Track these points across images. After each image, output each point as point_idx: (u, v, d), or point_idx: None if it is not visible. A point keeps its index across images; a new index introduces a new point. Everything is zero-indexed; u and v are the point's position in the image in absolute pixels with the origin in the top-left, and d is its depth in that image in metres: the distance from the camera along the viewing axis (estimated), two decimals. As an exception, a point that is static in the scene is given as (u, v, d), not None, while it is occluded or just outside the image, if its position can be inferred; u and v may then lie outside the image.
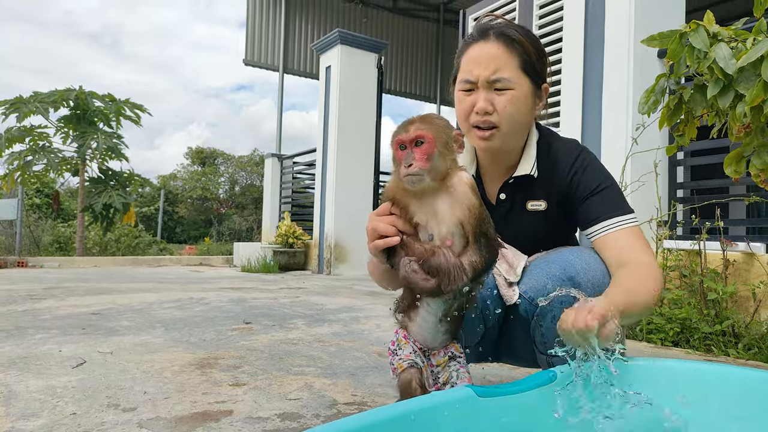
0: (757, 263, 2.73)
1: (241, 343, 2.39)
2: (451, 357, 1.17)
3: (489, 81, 1.25)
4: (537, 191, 1.35)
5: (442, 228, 1.06)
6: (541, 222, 1.36)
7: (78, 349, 2.20)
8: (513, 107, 1.26)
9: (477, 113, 1.26)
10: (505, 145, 1.32)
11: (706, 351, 2.46)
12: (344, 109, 6.98)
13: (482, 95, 1.26)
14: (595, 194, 1.28)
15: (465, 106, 1.29)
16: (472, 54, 1.29)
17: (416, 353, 1.15)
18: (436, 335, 1.15)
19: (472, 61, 1.28)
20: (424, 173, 1.03)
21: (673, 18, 3.45)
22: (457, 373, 1.14)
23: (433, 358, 1.17)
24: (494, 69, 1.25)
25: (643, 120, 2.59)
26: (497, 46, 1.26)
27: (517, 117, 1.27)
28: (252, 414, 1.44)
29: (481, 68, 1.25)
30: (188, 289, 4.70)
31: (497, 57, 1.25)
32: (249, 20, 10.31)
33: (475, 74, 1.26)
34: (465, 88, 1.29)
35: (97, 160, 8.84)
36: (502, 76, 1.24)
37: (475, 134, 1.28)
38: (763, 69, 1.32)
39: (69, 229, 10.47)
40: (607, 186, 1.29)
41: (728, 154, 1.61)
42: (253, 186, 21.78)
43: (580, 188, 1.30)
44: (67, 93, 8.51)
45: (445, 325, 1.14)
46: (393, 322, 1.22)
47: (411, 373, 1.11)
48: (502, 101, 1.25)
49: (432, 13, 12.28)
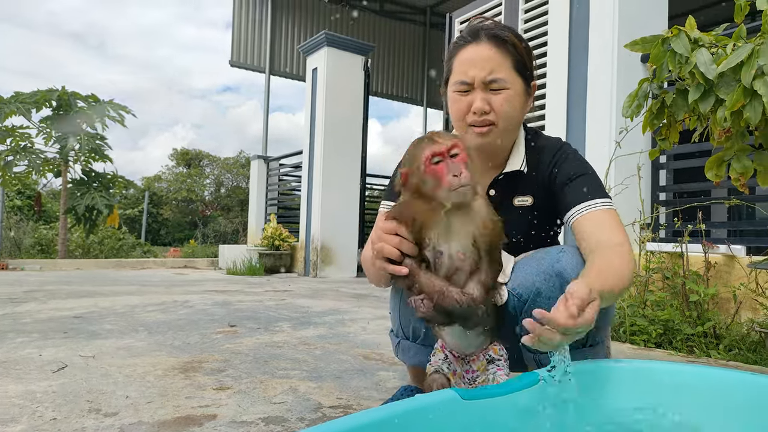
0: (737, 265, 2.77)
1: (226, 347, 2.37)
2: (489, 360, 1.16)
3: (485, 82, 1.28)
4: (525, 187, 1.38)
5: (453, 244, 1.06)
6: (529, 217, 1.39)
7: (59, 353, 2.16)
8: (509, 105, 1.30)
9: (475, 113, 1.29)
10: (500, 141, 1.35)
11: (688, 352, 2.49)
12: (331, 111, 6.97)
13: (479, 95, 1.29)
14: (573, 180, 1.31)
15: (461, 106, 1.31)
16: (465, 56, 1.31)
17: (446, 360, 1.17)
18: (468, 343, 1.16)
19: (467, 62, 1.30)
20: (471, 184, 1.02)
21: (656, 23, 3.49)
22: (493, 376, 1.12)
23: (473, 363, 1.17)
24: (489, 70, 1.28)
25: (626, 124, 2.62)
26: (490, 48, 1.29)
27: (512, 114, 1.31)
28: (236, 418, 1.43)
29: (477, 69, 1.28)
30: (172, 291, 4.65)
31: (491, 58, 1.28)
32: (235, 22, 10.25)
33: (470, 75, 1.28)
34: (461, 90, 1.31)
35: (81, 162, 8.73)
36: (497, 77, 1.28)
37: (473, 131, 1.31)
38: (742, 74, 1.35)
39: (51, 231, 10.32)
40: (585, 173, 1.32)
41: (709, 158, 1.64)
42: (238, 188, 21.65)
43: (560, 176, 1.33)
44: (50, 93, 8.40)
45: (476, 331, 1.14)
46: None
47: (433, 378, 1.13)
48: (498, 100, 1.29)
49: (418, 16, 12.31)
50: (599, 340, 1.28)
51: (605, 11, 3.44)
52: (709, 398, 0.96)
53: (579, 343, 1.23)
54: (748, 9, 1.51)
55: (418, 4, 11.83)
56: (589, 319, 0.88)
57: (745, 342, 2.46)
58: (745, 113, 1.38)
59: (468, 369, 1.16)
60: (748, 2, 1.50)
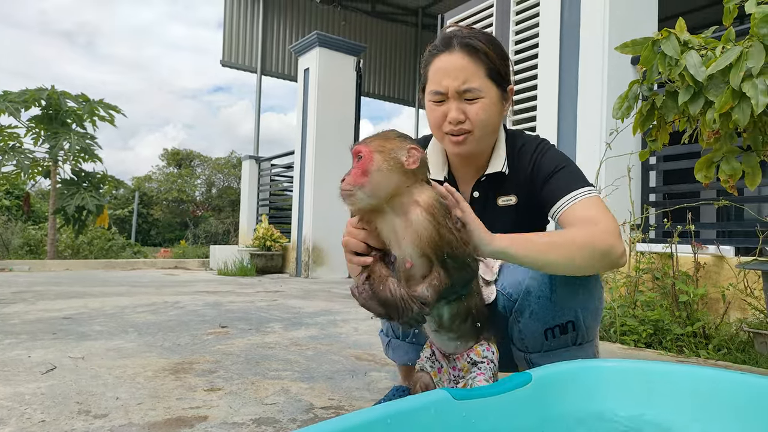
0: (726, 266, 2.80)
1: (217, 348, 2.36)
2: (472, 363, 1.15)
3: (459, 91, 1.28)
4: (508, 187, 1.38)
5: (401, 250, 1.05)
6: (513, 216, 1.39)
7: (48, 355, 2.14)
8: (484, 114, 1.29)
9: (450, 123, 1.29)
10: (478, 148, 1.35)
11: (678, 352, 2.51)
12: (322, 111, 6.96)
13: (453, 105, 1.29)
14: (553, 175, 1.31)
15: (437, 115, 1.32)
16: (438, 65, 1.31)
17: (431, 358, 1.18)
18: (443, 342, 1.16)
19: (440, 72, 1.30)
20: (355, 190, 1.01)
21: (647, 25, 3.52)
22: (472, 381, 1.11)
23: (457, 361, 1.17)
24: (463, 80, 1.27)
25: (617, 125, 2.64)
26: (462, 57, 1.28)
27: (488, 122, 1.31)
28: (227, 419, 1.42)
29: (450, 79, 1.28)
30: (163, 292, 4.62)
31: (464, 68, 1.28)
32: (226, 21, 10.22)
33: (444, 85, 1.29)
34: (436, 99, 1.31)
35: (70, 162, 8.66)
36: (471, 86, 1.28)
37: (449, 140, 1.32)
38: (731, 77, 1.36)
39: (40, 231, 10.23)
40: (564, 166, 1.32)
41: (699, 160, 1.65)
42: (230, 188, 21.57)
43: (540, 173, 1.33)
44: (39, 93, 8.32)
45: (448, 333, 1.13)
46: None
47: (418, 376, 1.15)
48: (473, 109, 1.29)
49: (410, 18, 12.32)
50: (589, 338, 1.28)
51: (596, 13, 3.46)
52: (698, 398, 0.97)
53: (568, 341, 1.24)
54: (737, 12, 1.53)
55: (410, 5, 11.84)
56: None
57: (734, 342, 2.48)
58: (733, 115, 1.39)
59: (454, 366, 1.17)
60: (737, 5, 1.51)
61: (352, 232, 1.12)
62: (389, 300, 1.01)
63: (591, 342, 1.30)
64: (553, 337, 1.23)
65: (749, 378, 0.95)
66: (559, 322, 1.22)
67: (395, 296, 1.01)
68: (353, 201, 1.03)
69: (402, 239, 1.04)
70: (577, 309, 1.23)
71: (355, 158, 1.04)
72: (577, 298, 1.22)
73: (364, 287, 1.05)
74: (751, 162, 1.58)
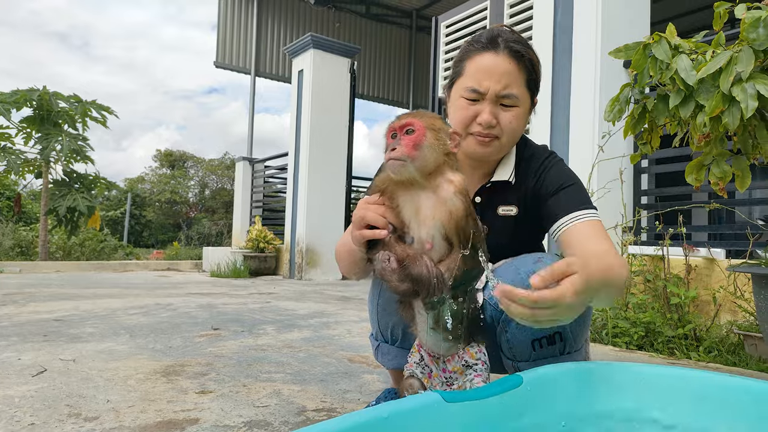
0: (717, 268, 2.81)
1: (209, 350, 2.35)
2: (466, 365, 1.14)
3: (498, 95, 1.26)
4: (510, 196, 1.37)
5: (422, 230, 1.03)
6: (511, 227, 1.38)
7: (39, 357, 2.13)
8: (516, 123, 1.28)
9: (480, 125, 1.27)
10: (498, 154, 1.34)
11: (669, 354, 2.52)
12: (317, 113, 6.95)
13: (488, 108, 1.26)
14: (559, 191, 1.30)
15: (468, 114, 1.28)
16: (482, 63, 1.27)
17: (420, 363, 1.15)
18: (437, 343, 1.13)
19: (482, 71, 1.26)
20: (407, 160, 1.00)
21: (639, 28, 3.54)
22: (470, 383, 1.11)
23: (448, 364, 1.15)
24: (505, 84, 1.25)
25: (608, 128, 2.65)
26: (509, 61, 1.26)
27: (517, 131, 1.31)
28: (219, 422, 1.42)
29: (493, 81, 1.25)
30: (155, 294, 4.60)
31: (508, 72, 1.25)
32: (220, 22, 10.20)
33: (485, 86, 1.25)
34: (470, 97, 1.27)
35: (62, 162, 8.60)
36: (511, 93, 1.26)
37: (475, 140, 1.29)
38: (721, 81, 1.37)
39: (31, 232, 10.14)
40: (571, 184, 1.31)
41: (689, 163, 1.66)
42: (223, 190, 21.49)
43: (545, 186, 1.32)
44: (30, 93, 8.26)
45: (444, 331, 1.12)
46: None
47: (408, 382, 1.12)
48: (507, 117, 1.27)
49: (405, 20, 12.34)
50: (577, 347, 1.28)
51: (588, 17, 3.48)
52: (689, 400, 0.97)
53: (556, 351, 1.24)
54: (727, 17, 1.54)
55: (404, 7, 11.86)
56: (562, 294, 0.82)
57: (725, 344, 2.50)
58: (723, 119, 1.41)
59: (444, 368, 1.16)
60: (727, 10, 1.53)
61: (370, 207, 1.08)
62: (423, 277, 0.98)
63: (579, 350, 1.29)
64: (540, 347, 1.23)
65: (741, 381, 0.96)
66: (546, 333, 1.21)
67: (431, 273, 0.99)
68: (401, 171, 1.01)
69: (427, 218, 1.02)
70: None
71: (402, 131, 1.02)
72: None
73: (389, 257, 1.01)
74: (740, 165, 1.60)
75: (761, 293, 1.81)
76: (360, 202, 1.11)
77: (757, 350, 2.37)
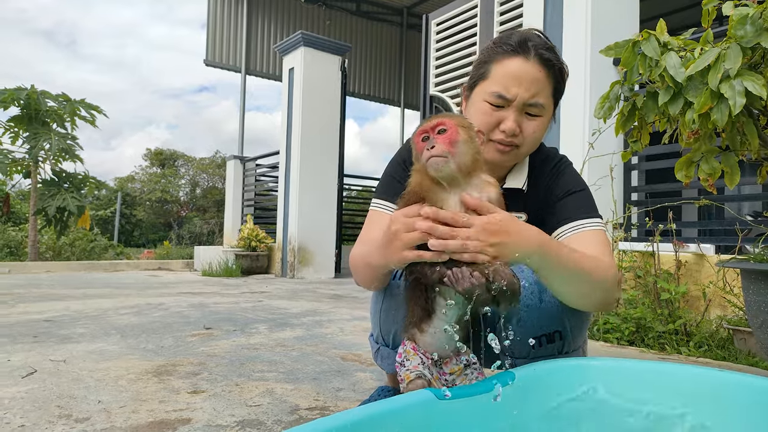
0: (707, 264, 2.84)
1: (201, 349, 2.34)
2: (466, 365, 1.14)
3: (525, 103, 1.22)
4: (521, 204, 1.34)
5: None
6: None
7: (29, 358, 2.11)
8: (539, 133, 1.26)
9: (504, 132, 1.23)
10: (515, 161, 1.32)
11: (660, 349, 2.54)
12: (308, 111, 6.94)
13: (513, 116, 1.22)
14: (568, 196, 1.29)
15: (491, 120, 1.24)
16: (511, 68, 1.22)
17: (425, 365, 1.12)
18: (450, 342, 1.11)
19: (511, 77, 1.21)
20: (448, 155, 0.98)
21: (628, 26, 3.56)
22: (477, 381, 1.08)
23: (445, 366, 1.14)
24: (534, 93, 1.21)
25: (599, 125, 2.66)
26: (539, 69, 1.22)
27: (538, 141, 1.29)
28: (211, 422, 1.41)
29: (522, 89, 1.21)
30: (146, 294, 4.58)
31: (538, 81, 1.22)
32: (210, 20, 10.14)
33: (513, 92, 1.21)
34: (496, 103, 1.22)
35: (50, 162, 8.53)
36: (538, 102, 1.22)
37: (495, 147, 1.25)
38: (709, 78, 1.38)
39: (20, 233, 10.05)
40: (579, 190, 1.30)
41: (679, 160, 1.68)
42: (214, 188, 21.41)
43: (556, 190, 1.31)
44: (18, 92, 8.18)
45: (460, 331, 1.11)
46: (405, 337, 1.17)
47: (417, 384, 1.08)
48: (531, 126, 1.24)
49: (395, 17, 12.34)
50: (575, 347, 1.28)
51: (578, 14, 3.49)
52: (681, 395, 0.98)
53: (554, 350, 1.24)
54: (715, 14, 1.55)
55: (394, 4, 11.86)
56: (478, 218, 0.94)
57: (715, 339, 2.52)
58: (712, 116, 1.42)
59: (442, 372, 1.15)
60: (715, 7, 1.54)
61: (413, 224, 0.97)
62: (510, 282, 0.94)
63: (577, 350, 1.30)
64: (539, 346, 1.23)
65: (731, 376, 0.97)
66: (546, 331, 1.22)
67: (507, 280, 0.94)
68: (444, 168, 0.98)
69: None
70: (564, 319, 1.22)
71: (434, 132, 1.00)
72: (565, 308, 1.20)
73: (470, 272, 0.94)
74: (729, 161, 1.61)
75: (750, 288, 1.83)
76: (398, 217, 1.01)
77: (746, 344, 2.39)
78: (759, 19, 1.33)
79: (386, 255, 1.05)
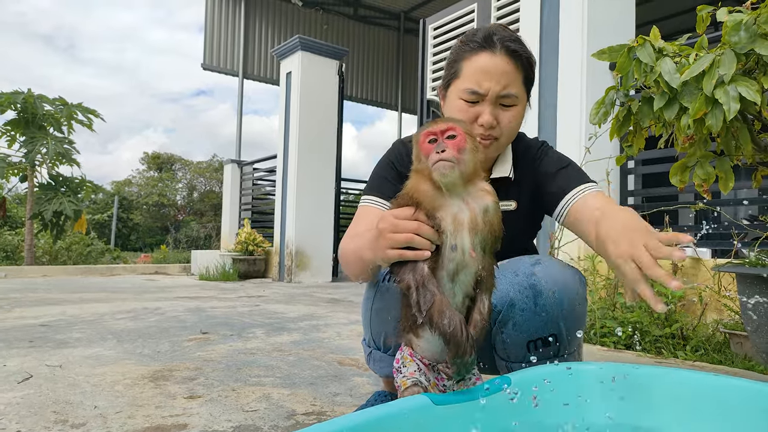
0: (703, 268, 2.85)
1: (198, 354, 2.33)
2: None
3: (498, 96, 1.26)
4: (510, 192, 1.38)
5: (465, 238, 0.99)
6: (510, 223, 1.37)
7: (25, 363, 2.10)
8: (516, 122, 1.30)
9: (482, 126, 1.26)
10: (497, 153, 1.36)
11: (656, 353, 2.55)
12: (305, 115, 6.94)
13: (488, 109, 1.26)
14: (561, 169, 1.33)
15: (468, 116, 1.27)
16: (479, 64, 1.26)
17: (421, 371, 1.11)
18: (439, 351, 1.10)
19: (481, 72, 1.26)
20: (455, 161, 0.97)
21: (624, 31, 3.57)
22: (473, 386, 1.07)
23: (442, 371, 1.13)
24: (505, 84, 1.25)
25: (595, 130, 2.67)
26: (507, 61, 1.26)
27: (516, 130, 1.33)
28: (207, 427, 1.41)
29: (492, 82, 1.25)
30: (143, 298, 4.57)
31: (507, 73, 1.26)
32: (208, 24, 10.16)
33: (485, 87, 1.25)
34: (470, 99, 1.27)
35: (47, 166, 8.51)
36: (511, 92, 1.26)
37: None
38: (704, 83, 1.39)
39: (17, 237, 10.02)
40: (568, 164, 1.36)
41: (673, 165, 1.68)
42: (212, 192, 21.37)
43: (545, 169, 1.35)
44: (15, 96, 8.17)
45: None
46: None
47: (413, 391, 1.07)
48: (507, 117, 1.28)
49: (392, 22, 12.37)
50: (571, 350, 1.28)
51: (574, 18, 3.51)
52: (677, 400, 0.99)
53: (550, 353, 1.25)
54: (710, 20, 1.57)
55: (392, 9, 11.89)
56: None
57: (711, 342, 2.52)
58: (707, 121, 1.42)
59: (438, 377, 1.15)
60: (710, 14, 1.55)
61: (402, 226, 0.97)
62: (457, 338, 0.94)
63: (573, 353, 1.30)
64: (535, 349, 1.23)
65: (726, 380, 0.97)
66: (542, 335, 1.22)
67: (458, 331, 0.94)
68: (450, 174, 0.97)
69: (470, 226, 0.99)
70: (560, 322, 1.22)
71: (442, 136, 0.99)
72: (560, 312, 1.21)
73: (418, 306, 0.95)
74: (724, 166, 1.62)
75: (746, 292, 1.83)
76: (387, 216, 1.01)
77: (743, 348, 2.40)
78: (753, 26, 1.34)
79: (374, 250, 1.06)
